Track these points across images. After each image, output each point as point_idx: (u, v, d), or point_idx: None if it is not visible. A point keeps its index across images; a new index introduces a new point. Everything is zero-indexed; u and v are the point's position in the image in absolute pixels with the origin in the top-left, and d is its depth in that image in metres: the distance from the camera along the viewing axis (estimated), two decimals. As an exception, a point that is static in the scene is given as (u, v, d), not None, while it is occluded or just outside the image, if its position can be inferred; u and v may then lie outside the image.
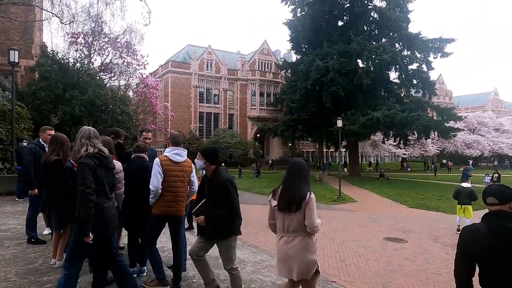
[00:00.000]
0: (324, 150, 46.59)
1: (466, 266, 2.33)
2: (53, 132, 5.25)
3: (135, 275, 4.03)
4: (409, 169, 45.26)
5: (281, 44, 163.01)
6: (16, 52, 10.50)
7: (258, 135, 44.37)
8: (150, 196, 3.71)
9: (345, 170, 36.43)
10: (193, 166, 3.95)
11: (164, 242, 6.45)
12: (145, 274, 4.14)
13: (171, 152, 3.82)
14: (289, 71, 39.12)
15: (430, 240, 10.26)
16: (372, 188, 23.75)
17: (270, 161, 40.18)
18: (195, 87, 40.63)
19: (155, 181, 3.68)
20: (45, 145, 5.12)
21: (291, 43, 36.94)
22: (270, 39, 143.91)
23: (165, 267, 4.20)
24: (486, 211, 2.37)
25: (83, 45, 18.84)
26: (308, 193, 2.90)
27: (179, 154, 3.87)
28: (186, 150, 4.01)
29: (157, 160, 3.77)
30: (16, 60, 10.55)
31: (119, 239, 5.28)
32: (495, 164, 49.88)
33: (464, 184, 11.64)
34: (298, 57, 37.78)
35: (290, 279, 3.02)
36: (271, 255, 7.94)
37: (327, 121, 30.15)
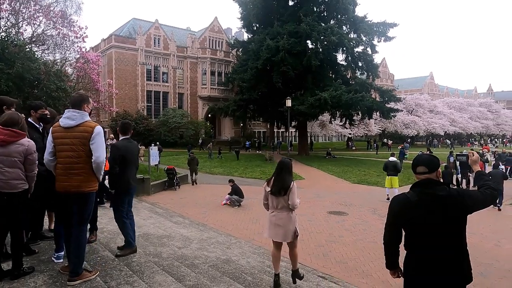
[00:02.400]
0: (275, 130, 47.36)
1: (395, 234, 2.50)
2: None
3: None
4: (354, 148, 47.83)
5: (233, 22, 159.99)
6: None
7: (209, 115, 43.69)
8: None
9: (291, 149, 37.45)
10: (93, 131, 3.22)
11: (104, 223, 6.18)
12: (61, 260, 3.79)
13: (62, 116, 3.33)
14: (240, 50, 38.64)
15: (369, 212, 11.02)
16: (319, 166, 24.78)
17: (228, 140, 39.30)
18: (141, 64, 38.56)
19: (46, 152, 3.33)
20: None
21: (242, 21, 36.36)
22: (221, 17, 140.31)
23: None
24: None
25: (9, 12, 16.75)
26: (292, 182, 4.09)
27: (69, 118, 3.25)
28: (86, 113, 3.34)
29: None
30: None
31: (50, 222, 4.95)
32: (428, 142, 54.48)
33: (391, 158, 13.21)
34: (249, 36, 37.39)
35: (277, 241, 4.20)
36: (218, 232, 8.02)
37: (277, 101, 30.49)
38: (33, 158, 3.29)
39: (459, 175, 16.44)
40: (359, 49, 32.42)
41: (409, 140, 50.76)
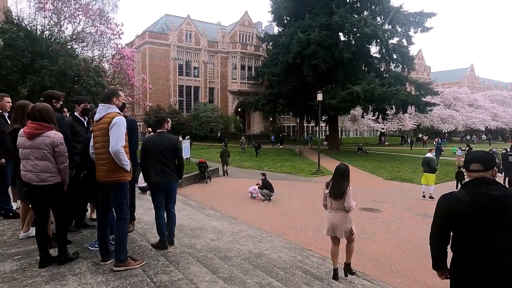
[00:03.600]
0: (305, 124, 46.86)
1: (444, 234, 2.34)
2: (8, 99, 4.84)
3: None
4: (386, 143, 46.43)
5: (263, 16, 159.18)
6: (-24, 17, 9.74)
7: (239, 109, 43.94)
8: None
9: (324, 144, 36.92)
10: (111, 122, 3.23)
11: (140, 214, 6.40)
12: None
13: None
14: (270, 43, 38.38)
15: (403, 210, 10.67)
16: (350, 161, 24.22)
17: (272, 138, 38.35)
18: (174, 59, 39.35)
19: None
20: (3, 113, 4.81)
21: (273, 15, 36.07)
22: (252, 11, 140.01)
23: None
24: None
25: (52, 11, 17.64)
26: (347, 187, 4.56)
27: (98, 111, 3.39)
28: (112, 105, 3.38)
29: None
30: (-23, 25, 9.81)
31: (92, 211, 5.18)
32: (467, 138, 51.78)
33: (427, 154, 12.67)
34: (280, 30, 37.04)
35: (334, 238, 4.80)
36: (248, 226, 8.09)
37: (308, 95, 30.11)
38: (61, 150, 3.35)
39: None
40: (394, 40, 31.27)
41: (446, 135, 48.52)
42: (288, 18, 34.89)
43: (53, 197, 3.36)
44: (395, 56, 31.72)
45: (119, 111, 3.46)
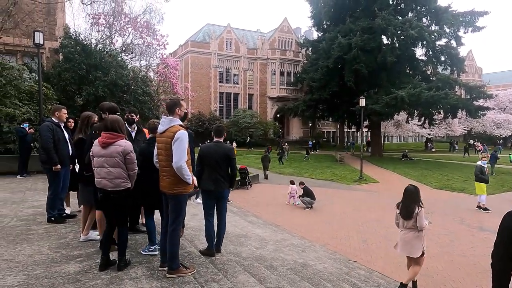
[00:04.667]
0: (346, 130, 45.82)
1: (509, 255, 2.17)
2: (65, 110, 5.41)
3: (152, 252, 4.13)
4: (433, 150, 43.97)
5: (302, 22, 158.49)
6: (41, 34, 10.65)
7: (278, 115, 44.00)
8: None
9: (366, 150, 35.78)
10: (174, 136, 3.34)
11: (187, 220, 6.57)
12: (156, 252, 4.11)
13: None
14: (310, 49, 38.14)
15: (455, 222, 10.04)
16: (394, 169, 23.31)
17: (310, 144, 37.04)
18: (214, 67, 40.40)
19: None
20: (60, 123, 5.30)
21: (312, 20, 35.91)
22: (291, 17, 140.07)
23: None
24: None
25: (104, 25, 18.96)
26: (417, 207, 4.74)
27: (161, 123, 3.54)
28: (174, 118, 3.50)
29: None
30: (41, 42, 10.72)
31: (143, 217, 5.42)
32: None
33: (478, 162, 11.98)
34: (320, 35, 36.72)
35: (407, 256, 4.95)
36: (291, 234, 8.03)
37: (349, 100, 29.45)
38: (131, 158, 3.57)
39: None
40: (442, 42, 29.83)
41: (501, 142, 45.01)
42: (328, 23, 34.54)
43: (124, 202, 3.59)
44: (443, 58, 30.18)
45: (182, 123, 3.58)
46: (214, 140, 4.61)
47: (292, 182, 12.46)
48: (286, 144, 31.39)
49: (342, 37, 28.07)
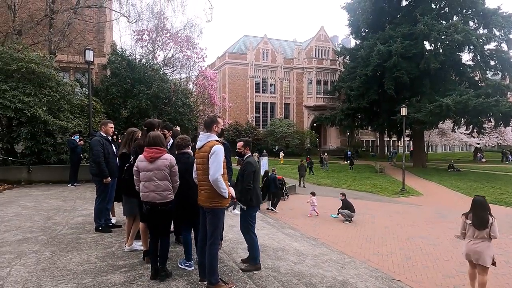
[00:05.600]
0: (386, 139, 44.25)
1: None
2: (112, 124, 5.79)
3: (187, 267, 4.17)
4: (483, 160, 41.09)
5: (339, 30, 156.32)
6: (91, 52, 11.43)
7: (314, 124, 43.53)
8: None
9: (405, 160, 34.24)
10: (211, 150, 3.44)
11: (224, 232, 6.63)
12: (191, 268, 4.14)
13: None
14: (347, 57, 37.51)
15: (511, 240, 9.26)
16: (440, 181, 22.04)
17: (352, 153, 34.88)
18: (251, 78, 40.95)
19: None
20: (108, 137, 5.69)
21: (350, 28, 35.39)
22: (327, 25, 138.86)
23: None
24: None
25: (147, 41, 19.98)
26: (490, 217, 4.95)
27: (199, 139, 3.67)
28: (211, 134, 3.63)
29: None
30: (92, 59, 11.50)
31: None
32: None
33: None
34: (358, 42, 36.05)
35: (474, 264, 5.10)
36: (330, 249, 7.82)
37: (389, 109, 28.48)
38: (175, 170, 3.76)
39: None
40: (491, 46, 28.14)
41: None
42: (366, 30, 33.90)
43: (169, 213, 3.76)
44: (492, 63, 28.37)
45: (218, 138, 3.71)
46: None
47: (313, 194, 12.56)
48: (326, 154, 30.76)
49: (382, 44, 27.37)
